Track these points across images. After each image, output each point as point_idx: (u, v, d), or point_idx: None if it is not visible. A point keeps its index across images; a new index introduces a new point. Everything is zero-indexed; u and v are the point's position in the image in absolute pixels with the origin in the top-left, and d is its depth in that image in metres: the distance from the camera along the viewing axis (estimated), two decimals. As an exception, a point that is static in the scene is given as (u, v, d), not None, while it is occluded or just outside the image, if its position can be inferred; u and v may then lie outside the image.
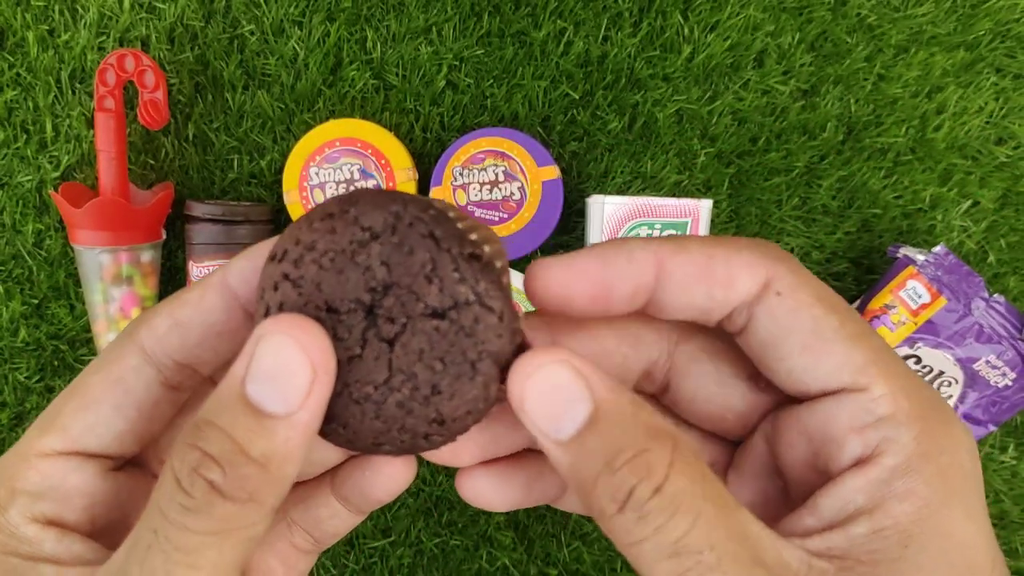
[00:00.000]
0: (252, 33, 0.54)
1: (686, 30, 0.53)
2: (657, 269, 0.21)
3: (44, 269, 0.55)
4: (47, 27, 0.53)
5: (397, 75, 0.54)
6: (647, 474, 0.18)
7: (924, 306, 0.50)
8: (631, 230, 0.50)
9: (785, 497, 0.22)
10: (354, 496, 0.25)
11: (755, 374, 0.22)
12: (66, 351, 0.55)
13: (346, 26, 0.53)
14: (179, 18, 0.53)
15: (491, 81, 0.54)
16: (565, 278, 0.21)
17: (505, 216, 0.51)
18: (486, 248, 0.19)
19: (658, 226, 0.50)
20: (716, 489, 0.18)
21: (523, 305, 0.51)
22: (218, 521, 0.18)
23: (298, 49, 0.53)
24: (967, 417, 0.51)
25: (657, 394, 0.24)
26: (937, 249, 0.50)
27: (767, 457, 0.22)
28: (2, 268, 0.55)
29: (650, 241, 0.21)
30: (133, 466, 0.23)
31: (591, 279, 0.21)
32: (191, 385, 0.23)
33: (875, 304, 0.51)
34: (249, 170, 0.55)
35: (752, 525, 0.18)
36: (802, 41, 0.53)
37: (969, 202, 0.54)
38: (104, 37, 0.53)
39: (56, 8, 0.53)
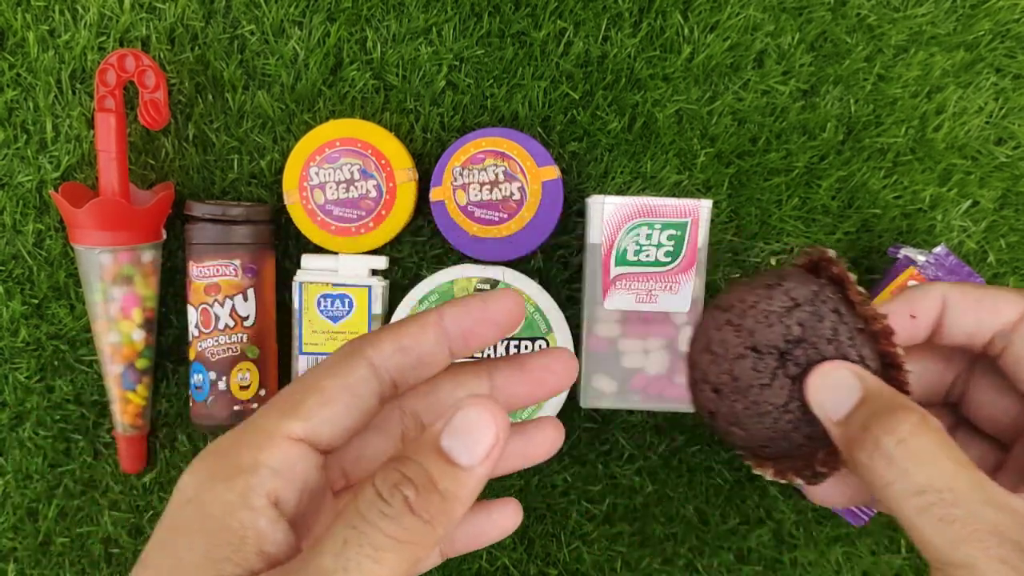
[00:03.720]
0: (252, 33, 0.54)
1: (686, 30, 0.53)
2: (942, 302, 0.29)
3: (44, 269, 0.55)
4: (47, 27, 0.53)
5: (397, 75, 0.54)
6: (892, 429, 0.24)
7: None
8: (631, 230, 0.50)
9: None
10: (464, 535, 0.30)
11: None
12: (66, 351, 0.55)
13: (346, 26, 0.53)
14: (179, 18, 0.53)
15: (491, 81, 0.54)
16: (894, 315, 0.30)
17: (505, 216, 0.51)
18: (874, 324, 0.28)
19: (658, 226, 0.50)
20: (956, 451, 0.24)
21: None
22: (404, 531, 0.22)
23: (298, 49, 0.54)
24: None
25: (956, 402, 0.32)
26: (938, 250, 0.50)
27: None
28: (2, 268, 0.55)
29: (936, 284, 0.30)
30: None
31: (904, 317, 0.30)
32: (388, 400, 0.27)
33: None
34: (249, 170, 0.55)
35: (987, 481, 0.24)
36: (802, 41, 0.53)
37: (969, 202, 0.54)
38: (104, 37, 0.53)
39: (56, 8, 0.53)
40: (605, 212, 0.49)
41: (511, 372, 0.29)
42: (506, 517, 0.30)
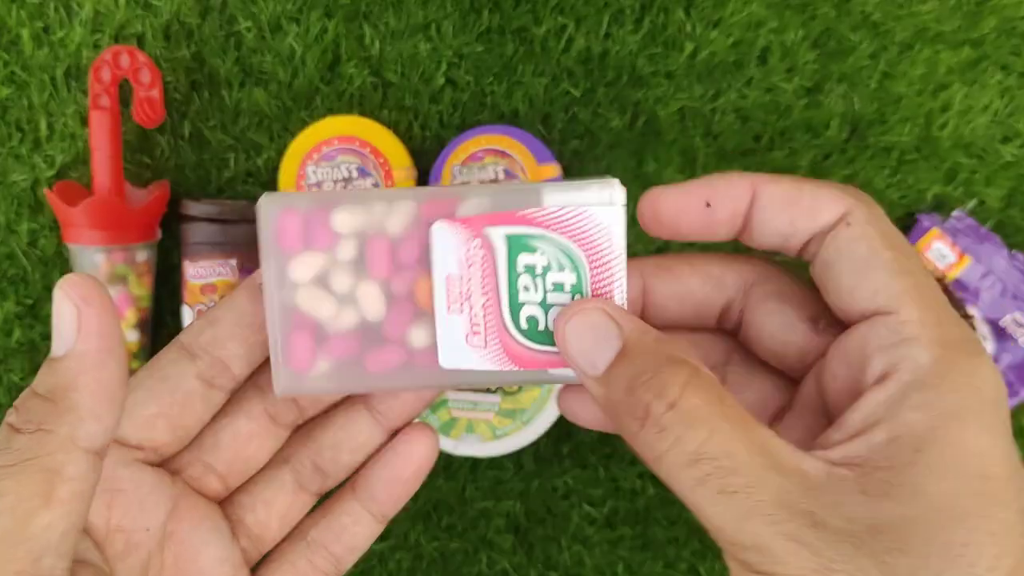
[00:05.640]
0: (248, 30, 0.53)
1: (688, 27, 0.53)
2: (752, 195, 0.23)
3: (39, 269, 0.54)
4: (42, 24, 0.53)
5: (395, 72, 0.53)
6: (661, 392, 0.20)
7: (951, 266, 0.51)
8: None
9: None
10: (380, 486, 0.26)
11: (815, 317, 0.25)
12: (61, 352, 0.55)
13: (344, 22, 0.53)
14: (175, 15, 0.53)
15: (491, 78, 0.53)
16: (676, 203, 0.24)
17: (505, 215, 0.51)
18: None
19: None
20: (734, 409, 0.20)
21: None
22: (14, 453, 0.20)
23: (295, 46, 0.53)
24: None
25: (733, 331, 0.27)
26: (955, 213, 0.52)
27: (816, 396, 0.24)
28: (-4, 268, 0.54)
29: (747, 174, 0.24)
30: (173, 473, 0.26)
31: (698, 203, 0.24)
32: (225, 385, 0.25)
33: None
34: (245, 168, 0.54)
35: (772, 440, 0.20)
36: (806, 38, 0.53)
37: (975, 201, 0.54)
38: (99, 34, 0.53)
39: (51, 5, 0.52)
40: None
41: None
42: (418, 441, 0.27)
